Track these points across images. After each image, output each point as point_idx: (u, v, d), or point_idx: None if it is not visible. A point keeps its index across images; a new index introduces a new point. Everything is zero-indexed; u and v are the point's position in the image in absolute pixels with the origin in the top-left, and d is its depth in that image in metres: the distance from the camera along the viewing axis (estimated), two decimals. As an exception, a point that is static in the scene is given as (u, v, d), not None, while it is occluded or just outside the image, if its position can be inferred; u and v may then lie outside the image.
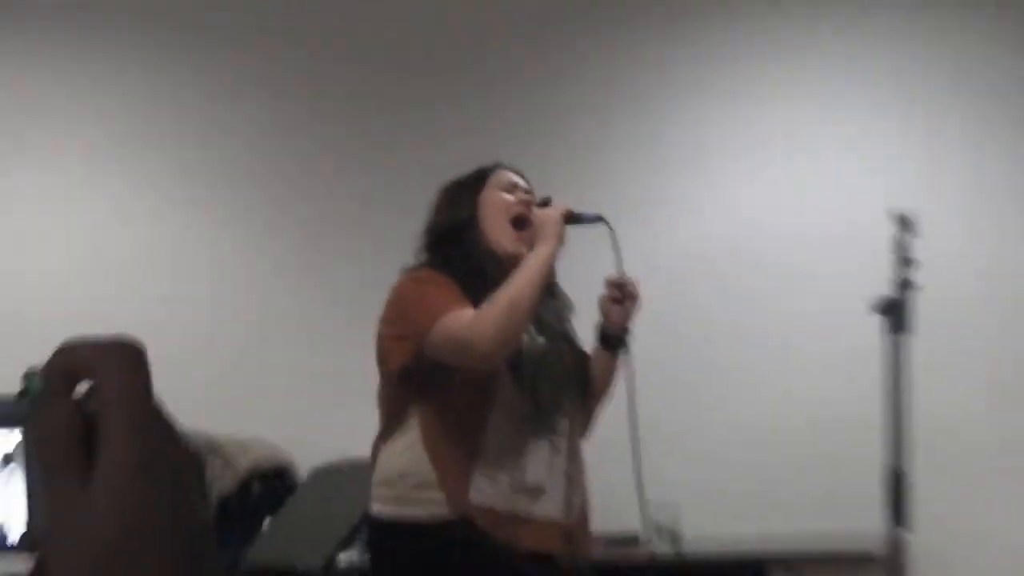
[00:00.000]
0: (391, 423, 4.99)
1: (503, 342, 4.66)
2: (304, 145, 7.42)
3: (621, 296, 4.97)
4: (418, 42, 7.28)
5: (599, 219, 4.78)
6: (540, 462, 4.94)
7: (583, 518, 5.02)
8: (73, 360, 1.06)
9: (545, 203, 4.79)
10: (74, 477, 1.04)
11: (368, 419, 5.12)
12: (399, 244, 5.16)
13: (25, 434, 1.08)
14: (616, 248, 4.85)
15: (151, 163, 7.50)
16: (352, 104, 7.39)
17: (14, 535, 1.22)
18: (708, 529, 6.85)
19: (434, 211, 5.05)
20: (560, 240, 4.70)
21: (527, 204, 4.85)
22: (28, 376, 1.09)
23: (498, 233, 4.89)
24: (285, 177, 7.40)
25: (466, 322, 4.68)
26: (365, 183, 7.31)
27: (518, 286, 4.69)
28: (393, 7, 7.30)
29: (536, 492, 4.88)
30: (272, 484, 6.78)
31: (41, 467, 1.05)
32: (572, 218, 4.77)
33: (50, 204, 7.55)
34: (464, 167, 5.23)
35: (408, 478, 4.98)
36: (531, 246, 4.75)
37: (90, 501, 1.03)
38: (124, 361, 1.06)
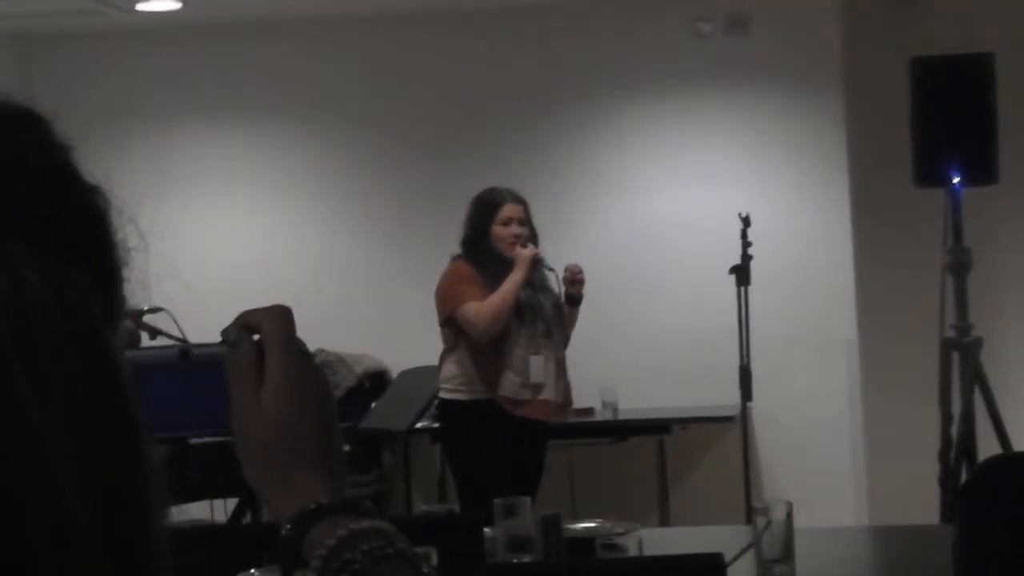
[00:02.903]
0: (449, 345, 5.72)
1: (494, 327, 5.52)
2: (389, 175, 7.84)
3: (573, 280, 5.68)
4: (460, 112, 7.74)
5: (551, 269, 5.64)
6: (538, 368, 5.66)
7: (567, 398, 5.83)
8: (249, 318, 1.12)
9: (524, 245, 5.55)
10: (251, 390, 1.10)
11: (434, 342, 5.83)
12: (448, 233, 5.83)
13: (225, 367, 1.13)
14: (557, 279, 5.66)
15: (295, 195, 7.97)
16: (412, 152, 7.77)
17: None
18: (635, 403, 7.20)
19: (468, 221, 5.73)
20: (528, 271, 5.54)
21: (516, 235, 5.57)
22: (224, 332, 1.13)
23: (502, 246, 5.61)
24: (381, 198, 7.85)
25: (474, 313, 5.48)
26: (423, 196, 7.70)
27: (503, 293, 5.49)
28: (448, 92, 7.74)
29: (537, 387, 5.64)
30: (376, 381, 7.23)
31: (232, 385, 1.11)
32: (537, 261, 5.59)
33: (233, 218, 7.94)
34: (481, 185, 5.83)
35: (460, 377, 5.66)
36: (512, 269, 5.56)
37: (258, 406, 1.09)
38: (279, 318, 1.11)
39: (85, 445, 0.70)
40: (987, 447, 5.68)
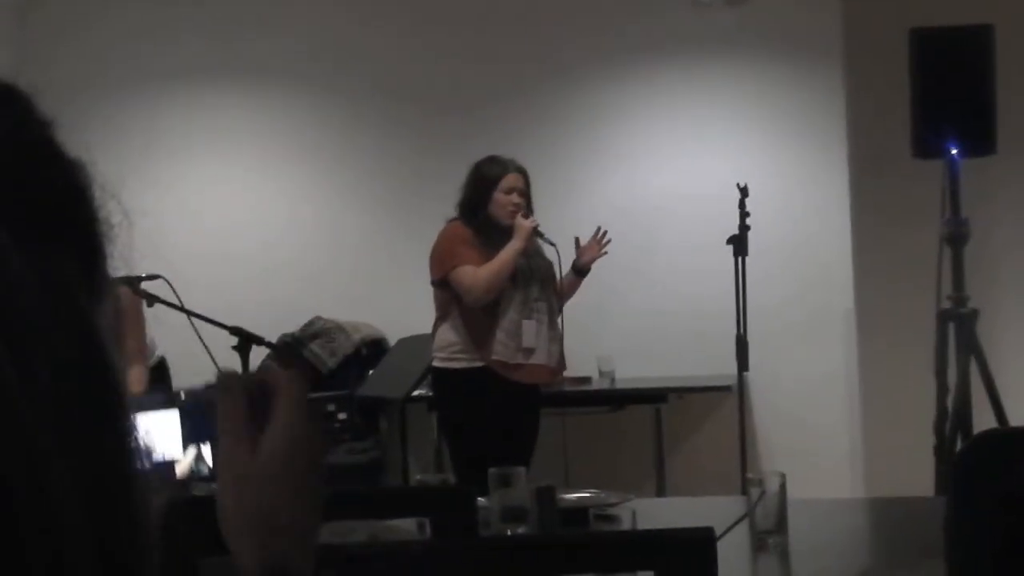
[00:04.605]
0: (442, 312, 5.71)
1: (487, 295, 5.51)
2: (386, 142, 7.80)
3: (598, 240, 5.73)
4: (459, 80, 7.72)
5: (551, 243, 5.61)
6: (531, 333, 5.67)
7: (560, 362, 5.81)
8: (263, 381, 1.07)
9: (526, 215, 5.52)
10: (243, 441, 1.06)
11: (429, 309, 5.80)
12: (447, 200, 5.77)
13: (215, 417, 1.08)
14: (557, 252, 5.64)
15: (291, 160, 7.92)
16: (416, 118, 7.76)
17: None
18: (632, 372, 7.26)
19: (468, 186, 5.67)
20: (525, 241, 5.53)
21: (517, 206, 5.54)
22: (217, 374, 1.09)
23: (502, 213, 5.58)
24: (378, 165, 7.81)
25: (470, 279, 5.45)
26: (421, 164, 7.67)
27: (500, 262, 5.48)
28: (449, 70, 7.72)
29: (528, 352, 5.57)
30: (374, 348, 7.24)
31: (221, 431, 1.07)
32: (536, 232, 5.58)
33: (228, 183, 7.88)
34: (479, 153, 5.79)
35: (454, 345, 5.66)
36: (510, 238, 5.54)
37: (251, 456, 1.05)
38: (296, 376, 1.07)
39: (71, 429, 0.68)
40: (983, 418, 5.69)
